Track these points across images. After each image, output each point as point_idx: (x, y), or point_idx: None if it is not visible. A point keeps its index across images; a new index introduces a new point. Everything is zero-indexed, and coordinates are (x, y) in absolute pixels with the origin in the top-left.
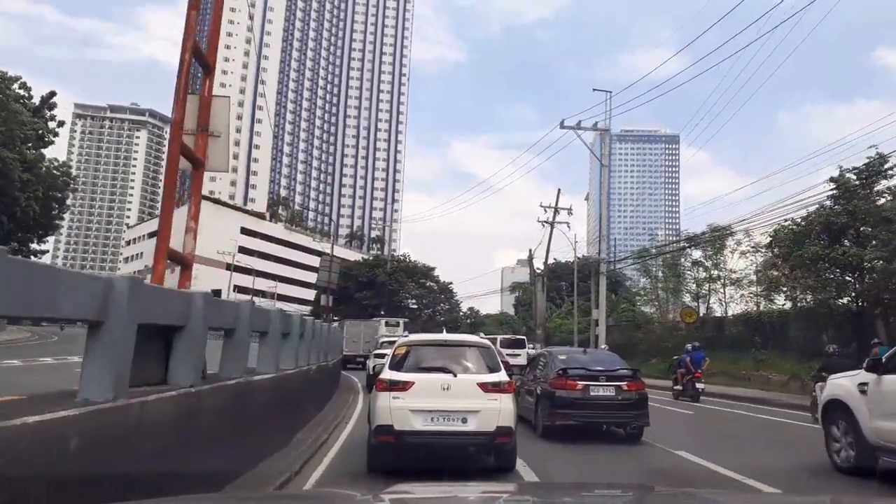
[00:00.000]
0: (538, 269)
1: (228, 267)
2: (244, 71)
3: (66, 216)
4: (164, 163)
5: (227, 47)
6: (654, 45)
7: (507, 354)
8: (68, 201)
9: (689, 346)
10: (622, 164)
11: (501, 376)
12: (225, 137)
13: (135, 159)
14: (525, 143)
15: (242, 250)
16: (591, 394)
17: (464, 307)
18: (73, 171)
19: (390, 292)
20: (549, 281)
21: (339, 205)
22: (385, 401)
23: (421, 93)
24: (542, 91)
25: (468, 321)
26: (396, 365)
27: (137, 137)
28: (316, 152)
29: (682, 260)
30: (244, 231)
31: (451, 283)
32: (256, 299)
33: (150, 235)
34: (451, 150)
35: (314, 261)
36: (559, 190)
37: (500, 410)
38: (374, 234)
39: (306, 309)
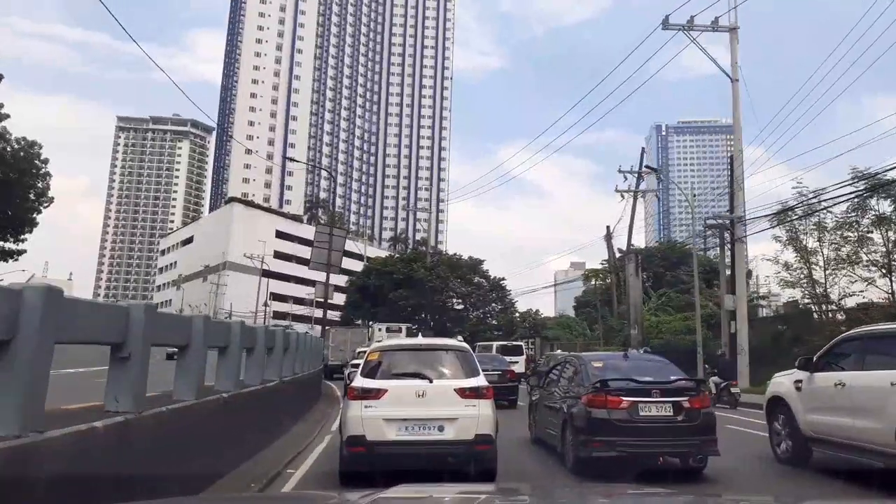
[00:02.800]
0: (618, 249)
1: (266, 273)
2: (277, 66)
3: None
4: (207, 172)
5: (259, 42)
6: (703, 40)
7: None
8: (49, 192)
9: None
10: (680, 157)
11: (480, 381)
12: None
13: (177, 170)
14: (571, 146)
15: (278, 255)
16: (641, 414)
17: (518, 308)
18: (44, 154)
19: (431, 291)
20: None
21: (381, 206)
22: (356, 410)
23: (464, 100)
24: (587, 93)
25: (525, 324)
26: (369, 372)
27: (180, 148)
28: (357, 153)
29: (854, 216)
30: (279, 234)
31: (503, 278)
32: (297, 307)
33: (184, 243)
34: (495, 156)
35: (356, 265)
36: (643, 150)
37: (478, 417)
38: (419, 236)
39: (335, 314)
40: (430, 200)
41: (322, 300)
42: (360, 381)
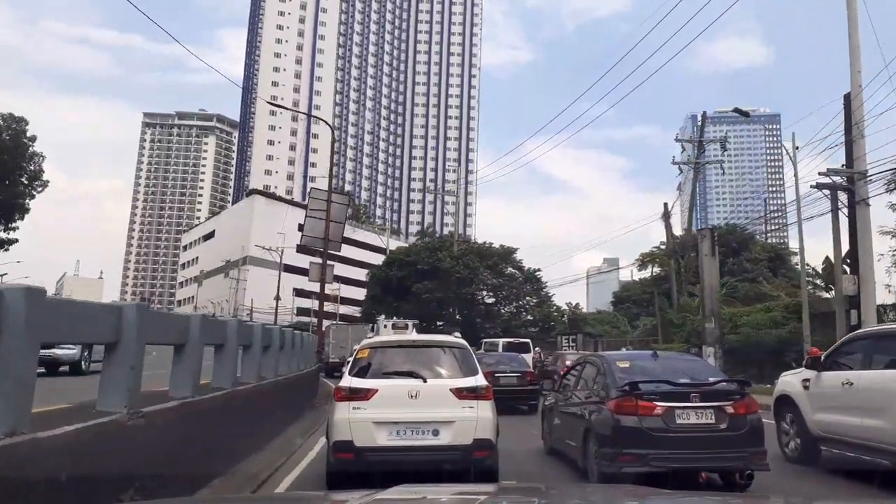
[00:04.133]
0: (675, 236)
1: (288, 268)
2: (299, 53)
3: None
4: (233, 167)
5: (280, 27)
6: (737, 33)
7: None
8: (44, 175)
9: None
10: (717, 149)
11: (479, 380)
12: None
13: (203, 166)
14: (602, 141)
15: (302, 250)
16: (678, 422)
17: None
18: (32, 132)
19: (458, 282)
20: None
21: (408, 200)
22: (344, 412)
23: (492, 95)
24: (619, 87)
25: (564, 318)
26: (358, 371)
27: (206, 143)
28: (382, 144)
29: None
30: (302, 228)
31: (538, 269)
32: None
33: (206, 238)
34: (525, 151)
35: (379, 260)
36: (704, 113)
37: (477, 420)
38: (446, 230)
39: (355, 309)
40: (458, 183)
41: (319, 283)
42: (348, 381)
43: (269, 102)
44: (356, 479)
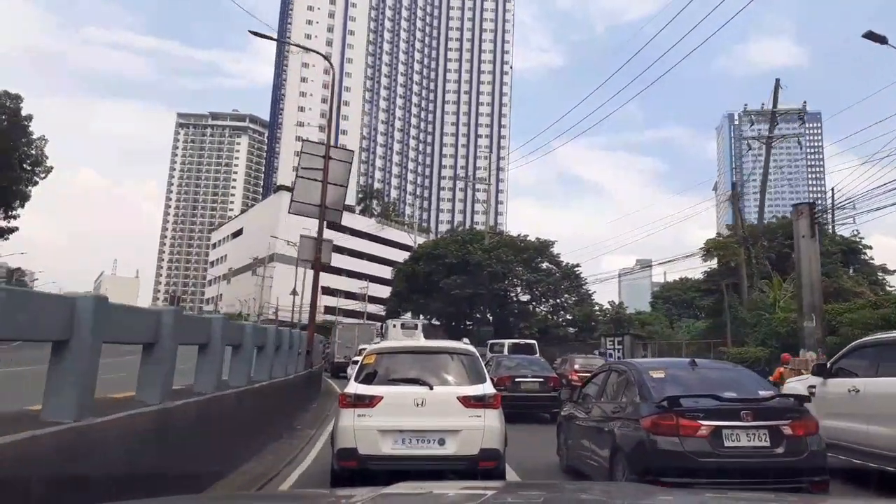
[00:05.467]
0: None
1: (314, 266)
2: (328, 49)
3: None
4: (265, 167)
5: (309, 22)
6: (770, 34)
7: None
8: (48, 160)
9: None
10: (755, 147)
11: (486, 388)
12: None
13: (236, 165)
14: (633, 143)
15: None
16: (727, 444)
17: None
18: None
19: (490, 277)
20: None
21: (438, 198)
22: (348, 419)
23: (522, 97)
24: (649, 89)
25: (606, 318)
26: (365, 377)
27: (238, 143)
28: (412, 142)
29: None
30: (330, 225)
31: (577, 265)
32: (349, 302)
33: (234, 235)
34: (555, 154)
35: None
36: (777, 81)
37: (484, 429)
38: (478, 228)
39: (380, 308)
40: (490, 169)
41: (311, 262)
42: (353, 387)
43: (294, 44)
44: (360, 484)
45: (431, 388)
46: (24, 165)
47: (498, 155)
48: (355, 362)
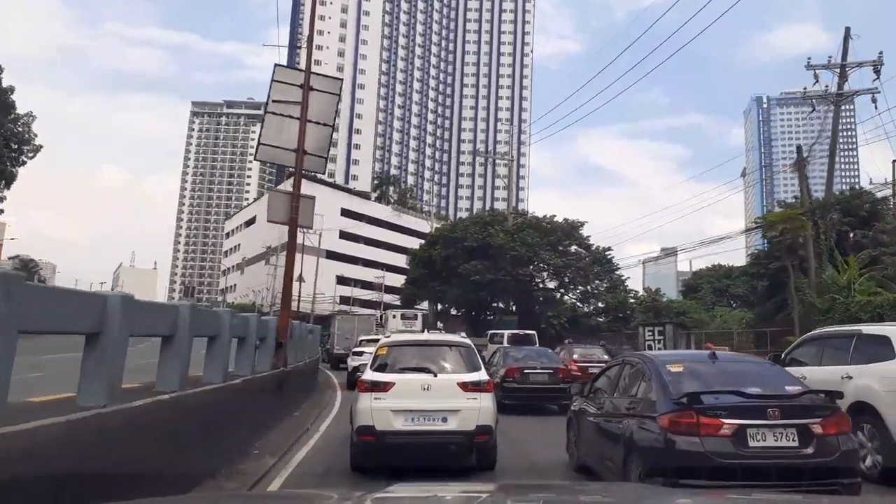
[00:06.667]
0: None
1: (330, 255)
2: (343, 30)
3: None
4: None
5: (322, 18)
6: (796, 20)
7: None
8: (35, 139)
9: None
10: (784, 132)
11: (481, 375)
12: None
13: (251, 154)
14: (657, 130)
15: (344, 235)
16: (752, 444)
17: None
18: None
19: (514, 261)
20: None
21: (456, 185)
22: (366, 402)
23: (543, 87)
24: (672, 76)
25: (642, 305)
26: (378, 366)
27: (253, 132)
28: (430, 127)
29: None
30: (345, 212)
31: (608, 248)
32: (364, 292)
33: (247, 224)
34: (576, 143)
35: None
36: (847, 30)
37: (479, 409)
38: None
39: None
40: (511, 143)
41: (290, 227)
42: (369, 375)
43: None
44: (375, 455)
45: (435, 376)
46: (11, 144)
47: (519, 129)
48: (356, 353)
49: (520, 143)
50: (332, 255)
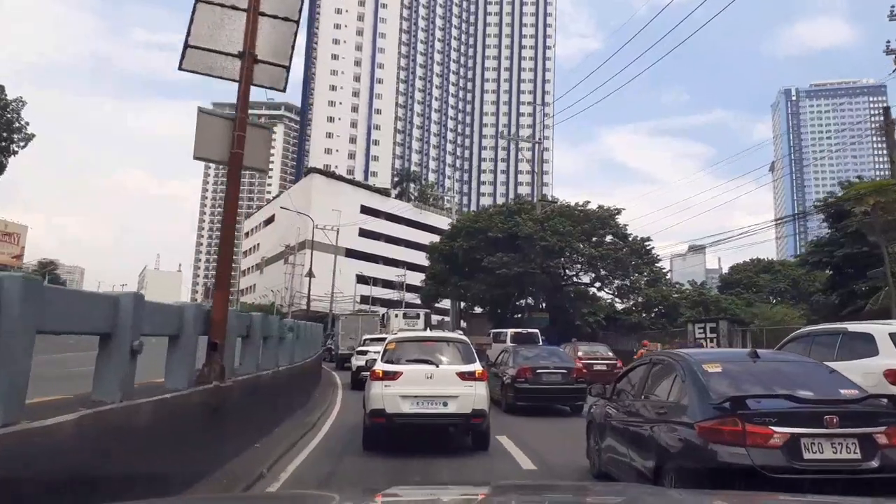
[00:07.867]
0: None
1: (350, 253)
2: (360, 24)
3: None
4: (297, 152)
5: (339, 11)
6: (820, 14)
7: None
8: (27, 127)
9: None
10: (814, 124)
11: (476, 367)
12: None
13: (272, 154)
14: (679, 127)
15: (363, 233)
16: (807, 456)
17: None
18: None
19: (544, 252)
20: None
21: (479, 181)
22: (378, 388)
23: (563, 83)
24: (694, 72)
25: (686, 300)
26: (388, 358)
27: (274, 132)
28: (451, 123)
29: None
30: (364, 210)
31: (647, 238)
32: (385, 291)
33: (266, 223)
34: (599, 141)
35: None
36: None
37: (475, 395)
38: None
39: (414, 296)
40: (535, 124)
41: (231, 166)
42: (380, 366)
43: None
44: (385, 435)
45: (437, 366)
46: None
47: (542, 101)
48: (360, 352)
49: (543, 127)
50: (351, 254)
